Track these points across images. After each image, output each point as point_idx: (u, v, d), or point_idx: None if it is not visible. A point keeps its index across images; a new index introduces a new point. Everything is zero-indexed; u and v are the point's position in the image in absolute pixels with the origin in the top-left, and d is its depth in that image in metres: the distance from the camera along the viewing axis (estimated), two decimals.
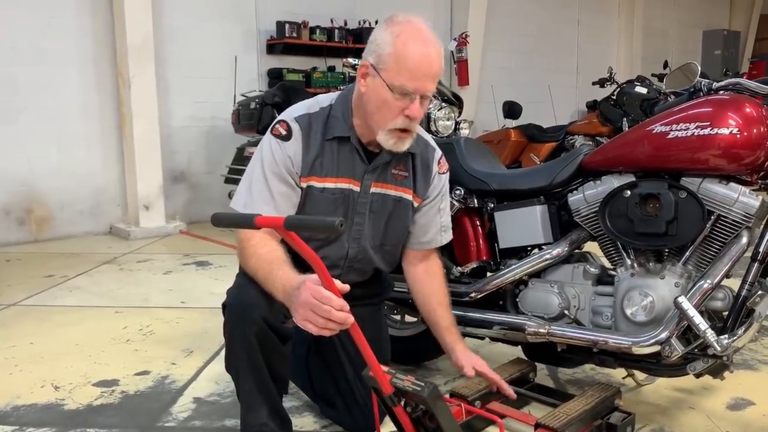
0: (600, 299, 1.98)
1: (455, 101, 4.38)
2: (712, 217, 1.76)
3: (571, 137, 5.93)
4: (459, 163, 2.24)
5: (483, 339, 2.28)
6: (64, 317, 3.24)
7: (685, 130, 1.76)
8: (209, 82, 5.97)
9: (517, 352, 2.24)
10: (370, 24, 6.65)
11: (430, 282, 1.98)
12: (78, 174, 5.45)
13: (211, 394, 2.31)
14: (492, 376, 1.88)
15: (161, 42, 5.64)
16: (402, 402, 1.54)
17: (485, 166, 2.28)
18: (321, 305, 1.37)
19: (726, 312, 1.79)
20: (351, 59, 3.65)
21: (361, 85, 1.71)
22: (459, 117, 4.40)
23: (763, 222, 1.77)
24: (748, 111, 1.72)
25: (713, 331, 1.69)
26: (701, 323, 1.69)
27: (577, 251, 2.08)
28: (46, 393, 2.33)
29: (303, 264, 1.46)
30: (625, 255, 1.94)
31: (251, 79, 6.19)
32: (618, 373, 2.23)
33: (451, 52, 7.67)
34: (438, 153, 1.95)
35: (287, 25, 6.27)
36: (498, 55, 8.28)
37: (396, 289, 2.21)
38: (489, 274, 2.24)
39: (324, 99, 1.84)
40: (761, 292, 1.76)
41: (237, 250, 1.71)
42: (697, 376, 1.87)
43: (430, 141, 1.95)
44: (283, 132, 1.75)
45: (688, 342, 1.80)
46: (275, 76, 6.29)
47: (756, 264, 1.75)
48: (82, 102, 5.44)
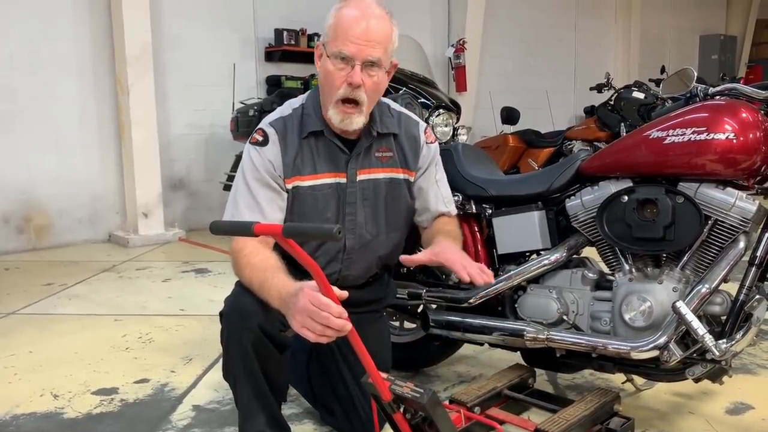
0: (598, 304, 1.98)
1: (453, 107, 4.39)
2: (709, 222, 1.77)
3: (569, 142, 5.95)
4: (457, 169, 2.24)
5: (482, 345, 2.28)
6: (63, 326, 3.24)
7: (682, 135, 1.77)
8: (208, 89, 5.98)
9: (516, 357, 2.24)
10: None
11: (440, 230, 1.93)
12: (77, 182, 5.45)
13: (211, 401, 2.30)
14: (455, 266, 1.73)
15: (160, 50, 5.65)
16: (401, 409, 1.54)
17: (483, 172, 2.28)
18: (319, 312, 1.36)
19: (724, 316, 1.79)
20: None
21: (318, 69, 1.73)
22: (457, 123, 4.42)
23: (761, 226, 1.78)
24: (744, 116, 1.73)
25: (711, 336, 1.69)
26: (699, 328, 1.69)
27: (576, 257, 2.08)
28: (45, 402, 2.32)
29: (298, 270, 1.46)
30: (623, 260, 1.94)
31: (250, 87, 6.20)
32: (617, 378, 2.23)
33: (449, 58, 7.70)
34: (422, 125, 1.95)
35: (285, 33, 6.29)
36: (496, 61, 8.31)
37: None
38: None
39: (295, 101, 1.86)
40: (759, 296, 1.77)
41: (231, 261, 1.71)
42: (696, 380, 1.87)
43: (411, 116, 1.95)
44: (260, 138, 1.76)
45: (686, 347, 1.80)
46: (274, 83, 6.30)
47: (753, 268, 1.76)
48: (80, 110, 5.44)
